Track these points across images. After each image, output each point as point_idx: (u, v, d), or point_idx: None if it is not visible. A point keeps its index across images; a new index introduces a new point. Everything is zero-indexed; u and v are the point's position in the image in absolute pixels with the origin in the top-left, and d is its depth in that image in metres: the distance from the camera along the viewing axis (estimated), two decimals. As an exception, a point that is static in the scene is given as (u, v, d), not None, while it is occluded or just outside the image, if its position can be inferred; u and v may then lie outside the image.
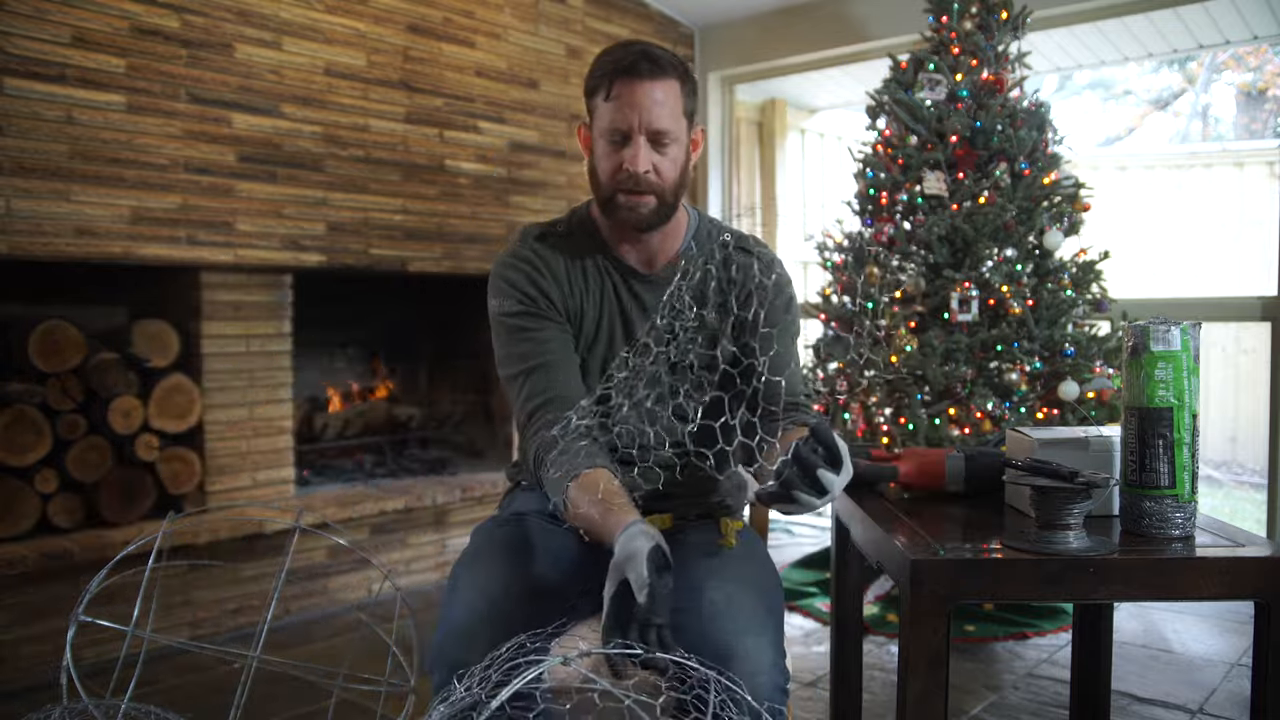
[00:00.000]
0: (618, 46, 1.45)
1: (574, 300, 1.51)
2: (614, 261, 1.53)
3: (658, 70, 1.40)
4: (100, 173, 2.63)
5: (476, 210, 3.52)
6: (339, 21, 3.14)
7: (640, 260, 1.53)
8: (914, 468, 1.55)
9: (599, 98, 1.44)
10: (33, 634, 2.55)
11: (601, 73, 1.43)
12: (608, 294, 1.52)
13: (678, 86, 1.43)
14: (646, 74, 1.39)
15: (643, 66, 1.40)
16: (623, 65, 1.40)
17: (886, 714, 2.33)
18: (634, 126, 1.40)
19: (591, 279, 1.52)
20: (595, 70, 1.45)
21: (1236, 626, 2.94)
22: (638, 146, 1.40)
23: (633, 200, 1.43)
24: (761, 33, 4.26)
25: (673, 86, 1.42)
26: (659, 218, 1.46)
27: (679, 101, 1.43)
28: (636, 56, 1.40)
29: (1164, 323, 1.26)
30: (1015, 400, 3.00)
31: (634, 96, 1.39)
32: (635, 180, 1.41)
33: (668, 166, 1.43)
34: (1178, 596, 1.22)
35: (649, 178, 1.42)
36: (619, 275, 1.53)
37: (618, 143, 1.42)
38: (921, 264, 3.15)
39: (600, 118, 1.44)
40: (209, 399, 2.91)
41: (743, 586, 1.34)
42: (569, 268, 1.51)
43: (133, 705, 1.41)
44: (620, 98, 1.40)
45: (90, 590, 1.46)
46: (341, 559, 3.16)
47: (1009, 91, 3.20)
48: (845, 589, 1.81)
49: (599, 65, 1.44)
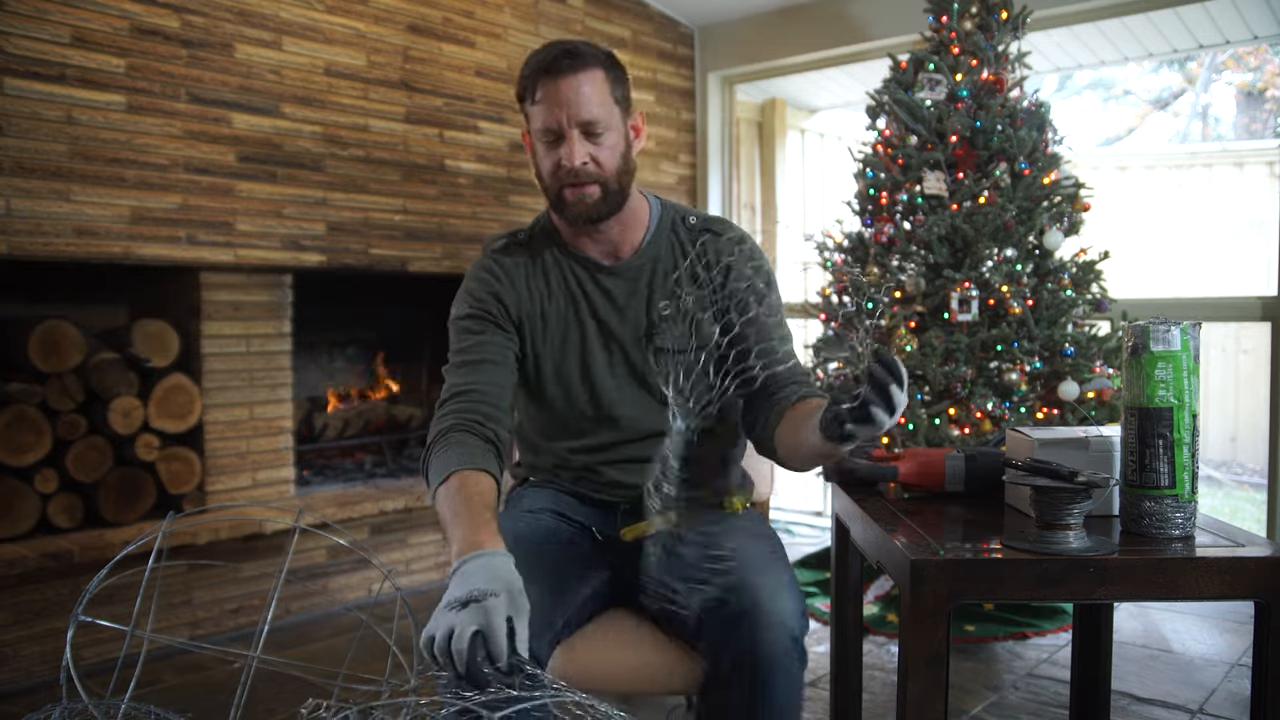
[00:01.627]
0: (541, 48, 1.47)
1: (533, 305, 1.53)
2: (576, 258, 1.55)
3: (578, 63, 1.43)
4: (100, 173, 2.63)
5: (476, 210, 3.52)
6: (339, 21, 3.14)
7: (603, 253, 1.55)
8: (914, 468, 1.55)
9: (528, 102, 1.46)
10: (33, 634, 2.55)
11: (527, 74, 1.46)
12: (572, 290, 1.54)
13: (602, 74, 1.45)
14: (567, 69, 1.42)
15: (562, 63, 1.42)
16: (543, 65, 1.43)
17: (886, 714, 2.33)
18: (563, 123, 1.43)
19: (554, 279, 1.54)
20: (521, 74, 1.48)
21: (1236, 626, 2.94)
22: (571, 141, 1.43)
23: (577, 193, 1.45)
24: (761, 33, 4.26)
25: (596, 75, 1.44)
26: (607, 206, 1.48)
27: (605, 89, 1.45)
28: (556, 54, 1.43)
29: (1164, 323, 1.26)
30: (1015, 400, 3.00)
31: (558, 94, 1.42)
32: (574, 174, 1.44)
33: (606, 155, 1.45)
34: (1178, 596, 1.22)
35: (588, 169, 1.44)
36: (583, 270, 1.54)
37: (552, 141, 1.45)
38: (921, 264, 3.15)
39: (533, 120, 1.47)
40: (209, 399, 2.91)
41: (755, 540, 1.41)
42: (529, 273, 1.54)
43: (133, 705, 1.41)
44: (546, 98, 1.43)
45: (90, 590, 1.46)
46: (341, 559, 3.16)
47: (1009, 91, 3.20)
48: (845, 589, 1.81)
49: (524, 69, 1.47)
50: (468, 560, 1.14)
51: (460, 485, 1.28)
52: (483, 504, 1.25)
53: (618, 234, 1.53)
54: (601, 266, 1.54)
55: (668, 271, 1.54)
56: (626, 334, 1.52)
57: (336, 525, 3.05)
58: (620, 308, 1.53)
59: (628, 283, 1.54)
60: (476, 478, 1.30)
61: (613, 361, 1.52)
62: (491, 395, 1.44)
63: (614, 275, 1.54)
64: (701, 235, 1.56)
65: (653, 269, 1.54)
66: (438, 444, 1.37)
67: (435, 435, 1.39)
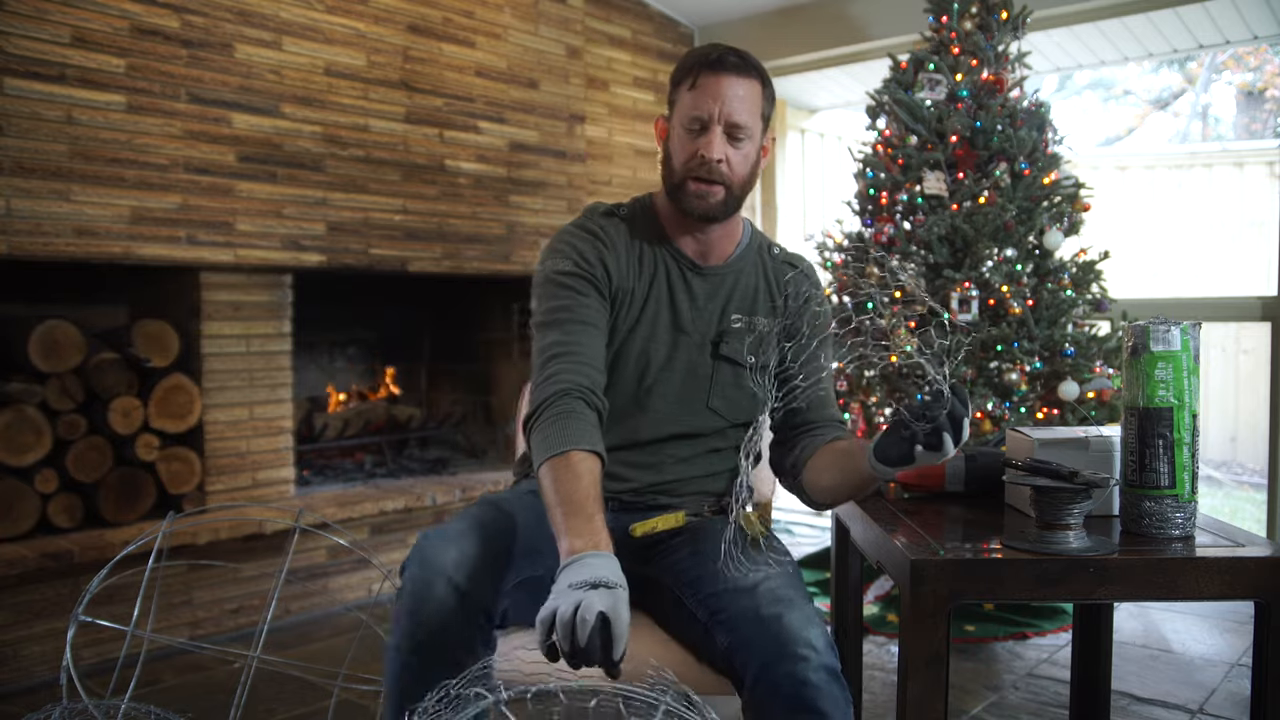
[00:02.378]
0: (707, 45, 1.51)
1: (627, 280, 1.53)
2: (671, 250, 1.56)
3: (743, 67, 1.47)
4: (100, 173, 2.63)
5: (476, 210, 3.52)
6: (339, 21, 3.14)
7: (696, 253, 1.57)
8: (914, 468, 1.55)
9: (684, 87, 1.49)
10: (33, 634, 2.55)
11: (689, 64, 1.49)
12: (659, 280, 1.55)
13: (759, 88, 1.49)
14: (731, 68, 1.46)
15: (729, 60, 1.46)
16: (710, 58, 1.47)
17: (886, 714, 2.33)
18: (713, 116, 1.45)
19: (646, 263, 1.55)
20: (683, 62, 1.51)
21: (1236, 626, 2.94)
22: (714, 134, 1.45)
23: (702, 188, 1.47)
24: (761, 33, 4.26)
25: (754, 86, 1.48)
26: (724, 210, 1.50)
27: (758, 102, 1.49)
28: (724, 52, 1.47)
29: (1164, 323, 1.26)
30: (1015, 400, 3.00)
31: (717, 88, 1.45)
32: (708, 168, 1.46)
33: (739, 161, 1.48)
34: (1178, 596, 1.22)
35: (721, 167, 1.46)
36: (675, 264, 1.56)
37: (696, 131, 1.47)
38: (921, 264, 3.15)
39: (682, 105, 1.49)
40: (209, 399, 2.91)
41: (779, 571, 1.39)
42: (629, 248, 1.55)
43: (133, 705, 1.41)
44: (704, 88, 1.46)
45: (90, 590, 1.46)
46: (341, 559, 3.16)
47: (1009, 91, 3.20)
48: (845, 589, 1.81)
49: (687, 57, 1.50)
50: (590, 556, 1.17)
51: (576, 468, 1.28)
52: (597, 496, 1.27)
53: (716, 239, 1.56)
54: (693, 264, 1.56)
55: (748, 287, 1.58)
56: (695, 332, 1.55)
57: (336, 525, 3.05)
58: (699, 307, 1.55)
59: (711, 286, 1.56)
60: (592, 463, 1.30)
61: (674, 354, 1.54)
62: (597, 361, 1.44)
63: (701, 276, 1.56)
64: (786, 267, 1.61)
65: (735, 280, 1.57)
66: (551, 407, 1.36)
67: (548, 396, 1.37)
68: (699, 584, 1.40)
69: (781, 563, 1.40)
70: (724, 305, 1.56)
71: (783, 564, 1.39)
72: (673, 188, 1.51)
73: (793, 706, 1.22)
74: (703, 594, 1.38)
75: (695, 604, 1.39)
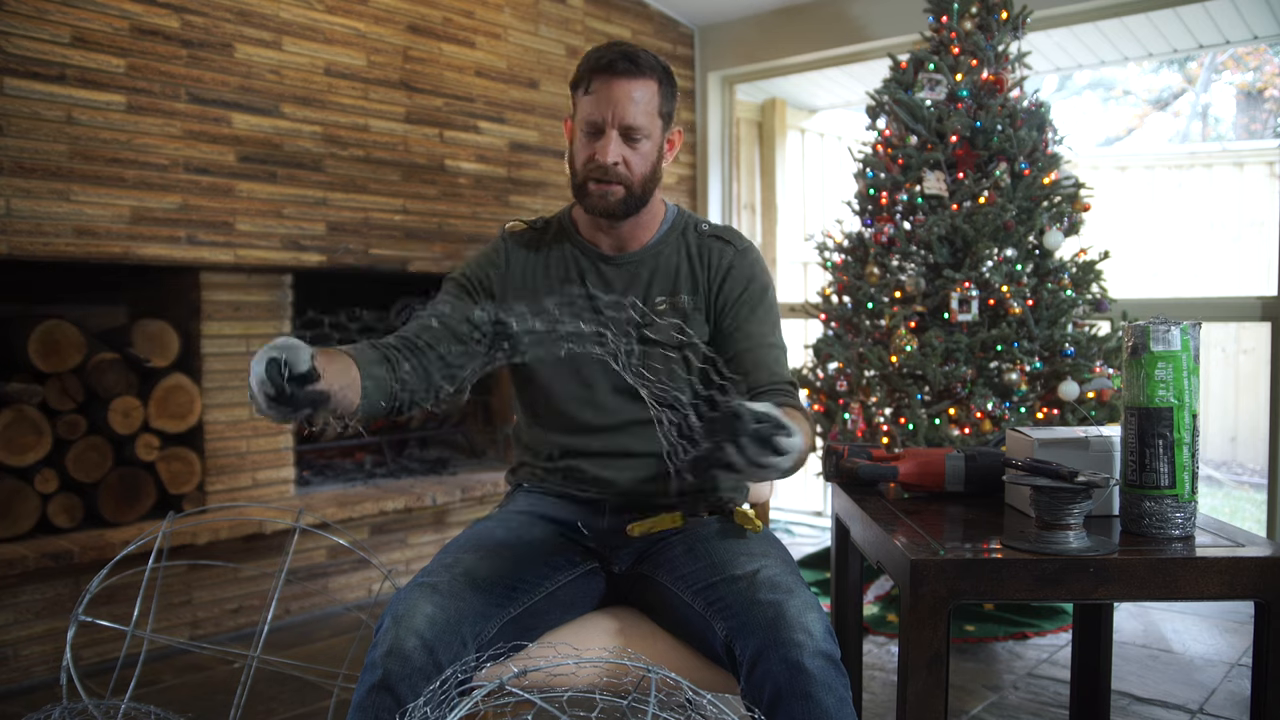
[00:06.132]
0: (604, 45, 1.54)
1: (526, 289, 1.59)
2: (583, 249, 1.61)
3: (635, 70, 1.49)
4: (100, 173, 2.63)
5: (476, 210, 3.52)
6: (339, 21, 3.14)
7: (612, 247, 1.61)
8: (914, 468, 1.55)
9: (580, 91, 1.53)
10: (33, 634, 2.55)
11: (584, 68, 1.53)
12: (572, 278, 1.60)
13: (655, 87, 1.52)
14: (623, 72, 1.49)
15: (620, 65, 1.49)
16: (602, 63, 1.50)
17: (886, 714, 2.33)
18: (607, 120, 1.49)
19: (555, 267, 1.61)
20: (579, 66, 1.54)
21: (1236, 626, 2.94)
22: (609, 139, 1.50)
23: (601, 189, 1.52)
24: (761, 33, 4.26)
25: (649, 86, 1.51)
26: (626, 208, 1.54)
27: (655, 101, 1.52)
28: (616, 55, 1.50)
29: (1164, 323, 1.26)
30: (1015, 400, 3.00)
31: (610, 92, 1.49)
32: (604, 170, 1.50)
33: (637, 161, 1.52)
34: (1178, 596, 1.22)
35: (617, 169, 1.50)
36: (588, 260, 1.61)
37: (592, 134, 1.51)
38: (921, 264, 3.15)
39: (579, 110, 1.54)
40: (209, 399, 2.91)
41: (776, 560, 1.40)
42: (533, 259, 1.62)
43: (133, 705, 1.41)
44: (597, 93, 1.50)
45: (90, 590, 1.47)
46: (341, 559, 3.16)
47: (1009, 91, 3.20)
48: (845, 589, 1.81)
49: (583, 61, 1.54)
50: None
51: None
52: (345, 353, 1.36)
53: (628, 231, 1.59)
54: (605, 257, 1.60)
55: (669, 268, 1.59)
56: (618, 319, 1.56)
57: (336, 525, 3.05)
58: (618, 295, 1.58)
59: (627, 274, 1.59)
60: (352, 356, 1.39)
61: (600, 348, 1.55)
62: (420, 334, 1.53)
63: (615, 265, 1.60)
64: (712, 240, 1.62)
65: (654, 264, 1.60)
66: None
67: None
68: (696, 577, 1.41)
69: (781, 558, 1.41)
70: (645, 289, 1.58)
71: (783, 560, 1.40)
72: (576, 188, 1.56)
73: (788, 691, 1.22)
74: (700, 585, 1.39)
75: (693, 596, 1.39)
